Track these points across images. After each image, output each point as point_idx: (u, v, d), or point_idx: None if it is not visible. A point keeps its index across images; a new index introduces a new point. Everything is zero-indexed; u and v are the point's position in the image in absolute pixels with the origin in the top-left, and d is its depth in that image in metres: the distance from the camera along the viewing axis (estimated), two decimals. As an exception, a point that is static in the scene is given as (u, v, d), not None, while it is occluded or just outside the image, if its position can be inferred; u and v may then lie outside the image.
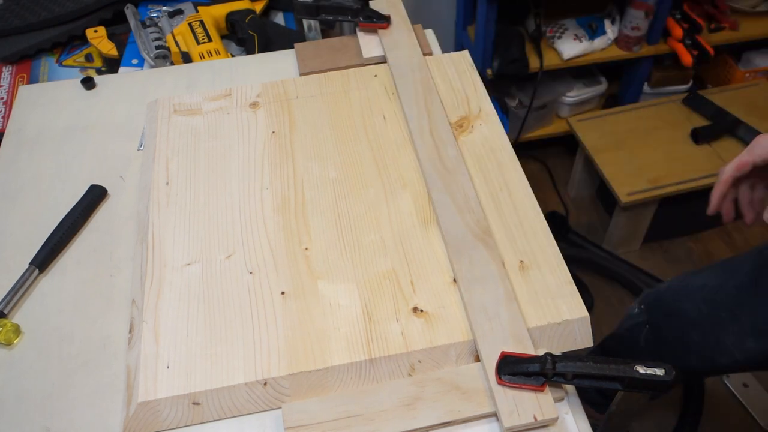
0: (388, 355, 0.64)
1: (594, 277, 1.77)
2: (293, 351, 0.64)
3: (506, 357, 0.61)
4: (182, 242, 0.75)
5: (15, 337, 0.70)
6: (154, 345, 0.66)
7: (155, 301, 0.69)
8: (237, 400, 0.63)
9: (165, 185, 0.81)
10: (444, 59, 0.95)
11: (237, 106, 0.91)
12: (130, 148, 0.89)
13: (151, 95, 0.96)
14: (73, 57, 1.13)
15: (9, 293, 0.72)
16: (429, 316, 0.67)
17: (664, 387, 0.57)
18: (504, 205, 0.76)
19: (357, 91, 0.92)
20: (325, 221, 0.76)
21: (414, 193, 0.78)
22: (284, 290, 0.69)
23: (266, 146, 0.85)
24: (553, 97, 1.94)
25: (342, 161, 0.82)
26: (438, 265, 0.71)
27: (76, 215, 0.79)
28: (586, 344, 0.66)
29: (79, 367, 0.67)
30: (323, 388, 0.63)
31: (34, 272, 0.74)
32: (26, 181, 0.86)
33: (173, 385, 0.63)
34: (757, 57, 2.00)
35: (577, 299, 0.67)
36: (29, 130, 0.93)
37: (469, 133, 0.85)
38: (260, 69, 1.00)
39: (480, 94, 0.90)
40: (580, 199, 1.98)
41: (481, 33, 1.71)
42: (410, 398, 0.61)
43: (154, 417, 0.62)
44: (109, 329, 0.70)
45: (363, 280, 0.70)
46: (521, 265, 0.70)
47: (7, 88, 1.09)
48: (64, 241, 0.77)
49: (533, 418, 0.58)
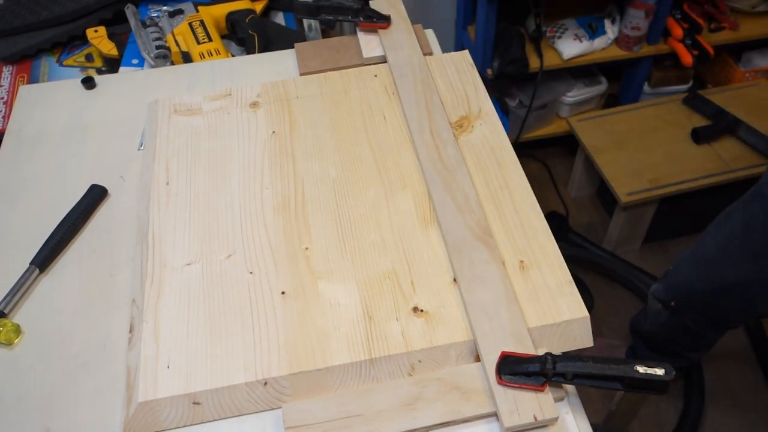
0: (389, 354, 0.64)
1: (594, 277, 1.77)
2: (293, 351, 0.64)
3: (506, 357, 0.61)
4: (182, 242, 0.75)
5: (15, 337, 0.70)
6: (155, 345, 0.66)
7: (155, 301, 0.69)
8: (237, 400, 0.63)
9: (165, 185, 0.81)
10: (444, 59, 0.95)
11: (237, 106, 0.91)
12: (130, 148, 0.89)
13: (151, 95, 0.95)
14: (74, 57, 1.13)
15: (9, 293, 0.72)
16: (429, 316, 0.67)
17: (664, 387, 0.57)
18: (504, 205, 0.76)
19: (357, 91, 0.92)
20: (326, 221, 0.76)
21: (414, 193, 0.78)
22: (284, 290, 0.69)
23: (266, 146, 0.85)
24: (553, 97, 1.94)
25: (342, 161, 0.82)
26: (438, 265, 0.71)
27: (76, 215, 0.79)
28: (586, 344, 0.66)
29: (79, 367, 0.67)
30: (323, 388, 0.63)
31: (35, 272, 0.74)
32: (26, 181, 0.86)
33: (173, 385, 0.63)
34: (757, 57, 2.00)
35: (577, 299, 0.67)
36: (29, 130, 0.93)
37: (470, 132, 0.85)
38: (260, 69, 1.00)
39: (480, 94, 0.90)
40: (580, 199, 1.98)
41: (481, 33, 1.71)
42: (410, 398, 0.61)
43: (155, 417, 0.62)
44: (109, 329, 0.70)
45: (363, 279, 0.70)
46: (521, 264, 0.70)
47: (7, 88, 1.09)
48: (64, 241, 0.77)
49: (533, 417, 0.58)
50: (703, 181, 1.67)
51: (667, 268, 1.21)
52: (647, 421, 1.49)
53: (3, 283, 0.74)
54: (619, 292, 1.75)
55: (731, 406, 1.50)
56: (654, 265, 1.78)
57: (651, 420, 1.49)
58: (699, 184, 1.66)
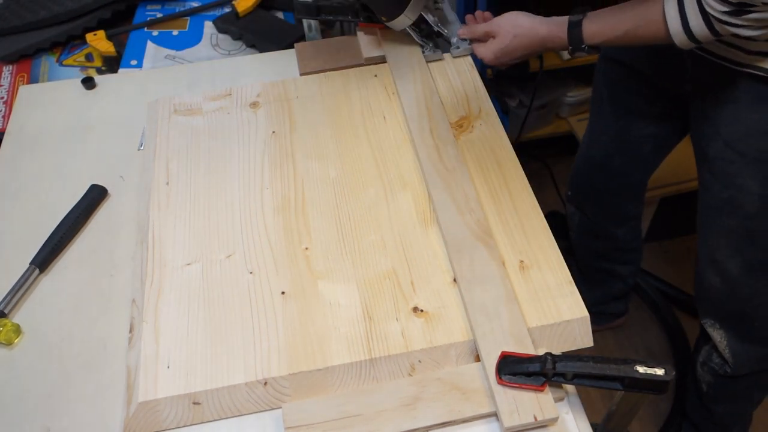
0: (389, 354, 0.64)
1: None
2: (293, 351, 0.64)
3: (506, 357, 0.61)
4: (182, 242, 0.75)
5: (15, 337, 0.70)
6: (155, 345, 0.66)
7: (155, 301, 0.69)
8: (237, 400, 0.63)
9: (165, 185, 0.81)
10: (444, 59, 0.95)
11: (237, 106, 0.91)
12: (130, 148, 0.89)
13: (151, 95, 0.95)
14: (74, 56, 1.13)
15: (9, 293, 0.72)
16: (429, 316, 0.67)
17: (664, 387, 0.57)
18: (504, 205, 0.76)
19: (357, 91, 0.92)
20: (325, 221, 0.76)
21: (414, 193, 0.78)
22: (284, 290, 0.69)
23: (266, 146, 0.85)
24: (553, 97, 1.93)
25: (342, 161, 0.82)
26: (438, 265, 0.71)
27: (76, 215, 0.79)
28: (586, 344, 0.66)
29: (79, 366, 0.67)
30: (323, 388, 0.63)
31: (35, 272, 0.74)
32: (26, 181, 0.86)
33: (173, 384, 0.63)
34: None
35: (577, 299, 0.67)
36: (29, 130, 0.93)
37: (470, 132, 0.85)
38: (260, 69, 1.00)
39: (480, 94, 0.90)
40: (580, 199, 1.97)
41: (481, 33, 1.70)
42: (410, 398, 0.61)
43: (155, 417, 0.62)
44: (109, 329, 0.70)
45: (363, 279, 0.70)
46: (521, 264, 0.70)
47: (7, 88, 1.09)
48: (64, 241, 0.77)
49: (533, 418, 0.58)
50: (703, 181, 1.66)
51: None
52: (647, 422, 1.49)
53: (3, 284, 0.74)
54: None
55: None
56: (654, 265, 1.78)
57: (651, 420, 1.49)
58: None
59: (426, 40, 0.95)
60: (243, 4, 1.11)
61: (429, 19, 0.92)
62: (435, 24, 0.93)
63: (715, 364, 1.12)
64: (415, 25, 0.92)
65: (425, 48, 0.95)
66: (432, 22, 0.93)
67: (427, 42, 0.95)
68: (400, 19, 0.89)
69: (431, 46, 0.95)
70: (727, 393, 1.17)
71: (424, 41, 0.94)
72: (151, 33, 1.13)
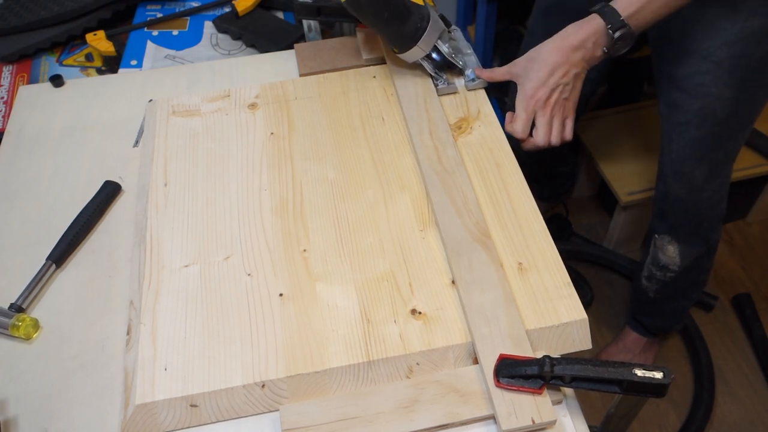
0: (386, 357, 0.64)
1: (594, 277, 1.77)
2: (291, 353, 0.64)
3: (504, 359, 0.61)
4: (180, 244, 0.75)
5: (34, 332, 0.70)
6: (152, 347, 0.66)
7: (153, 302, 0.69)
8: (235, 403, 0.63)
9: (163, 186, 0.81)
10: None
11: (235, 108, 0.90)
12: (129, 149, 0.89)
13: (150, 95, 0.95)
14: (74, 56, 1.13)
15: (26, 289, 0.72)
16: (427, 318, 0.67)
17: (662, 390, 0.57)
18: (503, 207, 0.76)
19: (356, 93, 0.92)
20: (324, 223, 0.76)
21: (413, 195, 0.78)
22: (282, 292, 0.69)
23: (265, 148, 0.85)
24: (553, 98, 1.93)
25: (341, 163, 0.82)
26: (436, 267, 0.71)
27: (90, 212, 0.79)
28: (584, 346, 0.66)
29: (77, 368, 0.67)
30: (321, 390, 0.63)
31: (51, 267, 0.75)
32: (25, 182, 0.86)
33: (171, 387, 0.63)
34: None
35: (576, 301, 0.67)
36: (29, 130, 0.93)
37: (469, 134, 0.85)
38: (259, 70, 1.00)
39: (479, 96, 0.90)
40: (580, 199, 1.97)
41: (481, 33, 1.71)
42: (408, 400, 0.61)
43: (152, 419, 0.62)
44: (107, 331, 0.70)
45: (361, 281, 0.70)
46: (520, 267, 0.70)
47: (7, 88, 1.09)
48: (79, 238, 0.77)
49: (531, 420, 0.58)
50: (703, 181, 1.66)
51: None
52: (648, 422, 1.49)
53: (4, 283, 0.74)
54: (620, 290, 1.74)
55: (731, 404, 1.50)
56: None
57: (651, 421, 1.49)
58: (699, 184, 1.66)
59: (439, 72, 0.90)
60: (243, 4, 1.12)
61: (443, 50, 0.88)
62: (449, 55, 0.88)
63: (661, 275, 1.28)
64: (427, 56, 0.88)
65: (438, 81, 0.90)
66: (446, 54, 0.88)
67: (440, 74, 0.90)
68: (414, 50, 0.85)
69: (444, 79, 0.90)
70: (670, 293, 1.34)
71: (437, 73, 0.90)
72: (151, 33, 1.13)
